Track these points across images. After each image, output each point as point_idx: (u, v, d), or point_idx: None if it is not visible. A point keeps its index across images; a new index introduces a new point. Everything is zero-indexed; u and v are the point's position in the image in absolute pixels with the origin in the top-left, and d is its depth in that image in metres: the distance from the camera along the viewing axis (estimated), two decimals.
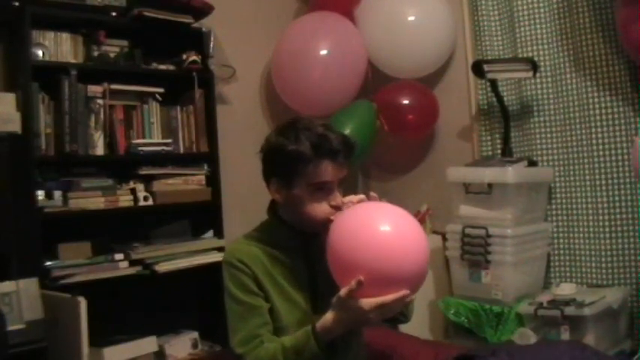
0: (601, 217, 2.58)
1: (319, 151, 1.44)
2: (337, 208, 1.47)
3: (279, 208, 1.57)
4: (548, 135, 2.74)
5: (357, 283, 1.30)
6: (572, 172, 2.67)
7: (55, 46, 2.59)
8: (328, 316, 1.39)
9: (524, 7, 2.75)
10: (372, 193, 1.51)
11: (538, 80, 2.73)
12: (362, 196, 1.50)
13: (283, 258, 1.54)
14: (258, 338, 1.45)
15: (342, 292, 1.34)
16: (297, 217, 1.52)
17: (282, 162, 1.48)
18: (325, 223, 1.44)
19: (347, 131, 2.80)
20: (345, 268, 1.37)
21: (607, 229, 2.56)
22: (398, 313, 1.50)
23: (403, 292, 1.32)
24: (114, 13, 2.67)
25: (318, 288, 1.54)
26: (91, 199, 2.54)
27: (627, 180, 2.52)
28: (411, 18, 2.93)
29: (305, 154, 1.44)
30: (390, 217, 1.40)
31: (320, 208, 1.47)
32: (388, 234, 1.36)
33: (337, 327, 1.39)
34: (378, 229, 1.37)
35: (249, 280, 1.49)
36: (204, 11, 2.87)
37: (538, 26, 2.73)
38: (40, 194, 2.42)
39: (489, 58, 2.84)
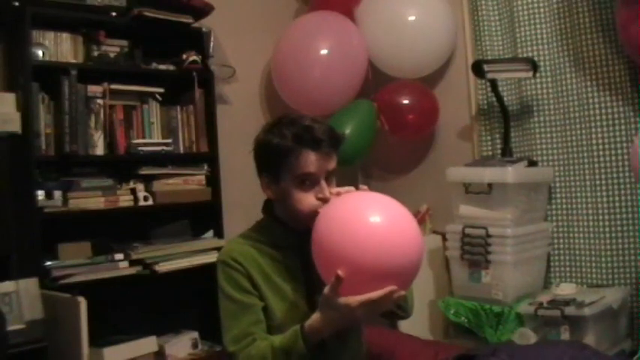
0: (601, 217, 2.58)
1: (301, 142, 1.44)
2: (324, 201, 1.45)
3: (274, 206, 1.57)
4: (548, 135, 2.74)
5: (336, 278, 1.27)
6: (572, 172, 2.67)
7: (55, 46, 2.59)
8: (315, 316, 1.37)
9: (524, 7, 2.74)
10: (362, 186, 1.48)
11: (538, 80, 2.73)
12: (350, 188, 1.47)
13: (279, 256, 1.54)
14: (250, 336, 1.44)
15: (326, 289, 1.31)
16: (288, 213, 1.52)
17: (268, 157, 1.50)
18: (313, 216, 1.41)
19: (347, 131, 2.81)
20: (326, 262, 1.32)
21: (607, 229, 2.56)
22: (396, 307, 1.49)
23: (390, 287, 1.26)
24: (114, 13, 2.66)
25: (314, 286, 1.51)
26: (91, 199, 2.54)
27: (627, 180, 2.51)
28: (411, 18, 2.93)
29: (287, 145, 1.45)
30: (374, 207, 1.33)
31: (306, 201, 1.46)
32: (370, 224, 1.29)
33: (325, 326, 1.36)
34: (358, 219, 1.30)
35: (243, 279, 1.48)
36: (204, 11, 2.87)
37: (538, 26, 2.73)
38: (40, 194, 2.42)
39: (489, 58, 2.84)
